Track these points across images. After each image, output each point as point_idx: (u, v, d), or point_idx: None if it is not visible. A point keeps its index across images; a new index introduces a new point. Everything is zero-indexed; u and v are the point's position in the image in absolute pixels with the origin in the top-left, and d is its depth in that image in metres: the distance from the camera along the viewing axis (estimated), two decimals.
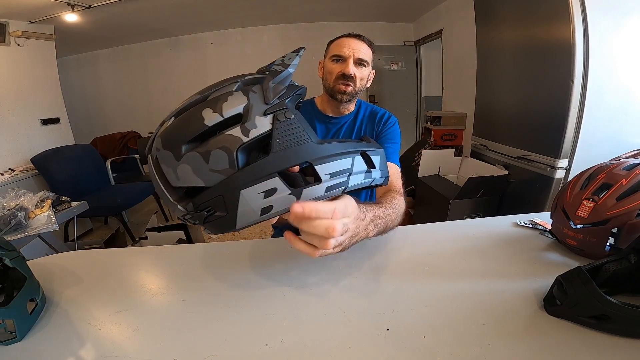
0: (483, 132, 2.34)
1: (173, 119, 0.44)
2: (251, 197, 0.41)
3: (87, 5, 2.60)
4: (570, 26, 1.49)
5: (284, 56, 0.48)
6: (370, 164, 0.48)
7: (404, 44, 4.14)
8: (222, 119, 0.41)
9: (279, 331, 0.46)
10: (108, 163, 2.92)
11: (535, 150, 1.81)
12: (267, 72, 0.46)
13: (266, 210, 0.42)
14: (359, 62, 0.88)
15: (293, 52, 0.48)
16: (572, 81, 1.53)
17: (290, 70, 0.46)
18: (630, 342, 0.41)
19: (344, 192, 0.46)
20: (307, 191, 0.42)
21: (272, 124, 0.42)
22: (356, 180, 0.46)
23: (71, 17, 2.71)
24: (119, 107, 4.61)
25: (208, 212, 0.43)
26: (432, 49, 3.90)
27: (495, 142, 2.16)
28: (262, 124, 0.42)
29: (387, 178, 0.51)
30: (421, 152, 2.55)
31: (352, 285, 0.57)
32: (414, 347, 0.42)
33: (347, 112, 0.97)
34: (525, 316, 0.47)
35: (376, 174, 0.49)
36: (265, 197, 0.41)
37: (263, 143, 0.43)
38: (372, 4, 3.38)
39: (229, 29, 4.01)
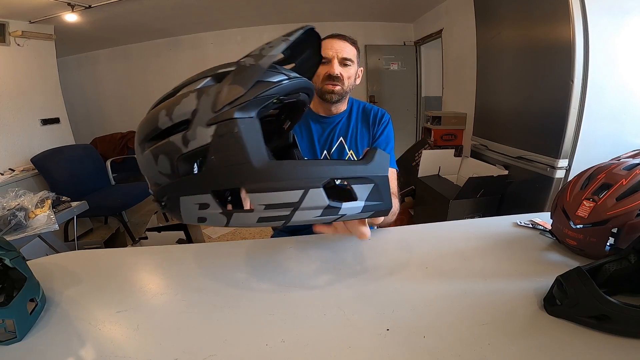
0: (483, 132, 2.34)
1: (150, 110, 0.45)
2: (188, 205, 0.41)
3: (87, 5, 2.60)
4: (570, 26, 1.49)
5: (270, 41, 0.40)
6: (343, 197, 0.39)
7: (404, 44, 4.14)
8: (171, 123, 0.40)
9: (279, 331, 0.46)
10: (108, 163, 2.92)
11: (535, 150, 1.81)
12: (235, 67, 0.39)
13: (202, 220, 0.41)
14: (344, 62, 0.89)
15: (286, 34, 0.39)
16: (572, 81, 1.53)
17: (263, 64, 0.37)
18: (630, 342, 0.41)
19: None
20: (237, 216, 0.39)
21: (212, 137, 0.37)
22: (310, 216, 0.38)
23: (71, 17, 2.71)
24: (119, 107, 4.61)
25: (162, 205, 0.45)
26: (432, 49, 3.90)
27: (495, 142, 2.16)
28: (201, 136, 0.37)
29: (386, 209, 0.42)
30: (421, 152, 2.55)
31: (352, 285, 0.57)
32: (414, 347, 0.42)
33: (339, 112, 0.98)
34: (525, 316, 0.47)
35: (351, 209, 0.40)
36: (199, 209, 0.41)
37: (207, 154, 0.38)
38: (372, 4, 3.38)
39: (229, 29, 4.01)
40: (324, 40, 0.89)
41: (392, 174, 0.86)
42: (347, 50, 0.89)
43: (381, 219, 0.62)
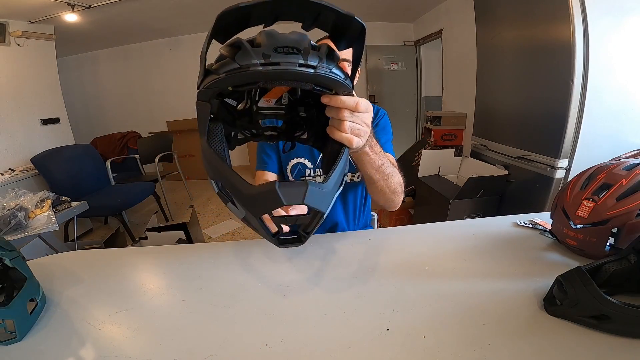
0: (483, 132, 2.34)
1: None
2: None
3: (87, 5, 2.60)
4: (570, 26, 1.49)
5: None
6: None
7: (404, 44, 4.14)
8: None
9: (279, 331, 0.46)
10: (108, 163, 2.92)
11: (535, 150, 1.81)
12: None
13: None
14: (342, 62, 0.89)
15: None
16: (572, 81, 1.53)
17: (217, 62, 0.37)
18: (630, 342, 0.41)
19: None
20: (230, 206, 0.42)
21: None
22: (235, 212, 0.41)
23: (71, 17, 2.72)
24: (119, 107, 4.61)
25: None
26: (432, 49, 3.91)
27: (495, 142, 2.16)
28: None
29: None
30: (421, 152, 2.54)
31: (352, 285, 0.57)
32: (414, 347, 0.42)
33: None
34: (525, 316, 0.47)
35: (236, 211, 0.40)
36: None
37: None
38: (372, 4, 3.38)
39: None
40: (322, 40, 0.90)
41: (392, 160, 0.87)
42: (346, 50, 0.89)
43: (394, 182, 0.70)
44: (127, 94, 4.54)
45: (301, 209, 0.49)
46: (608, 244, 0.58)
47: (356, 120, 0.45)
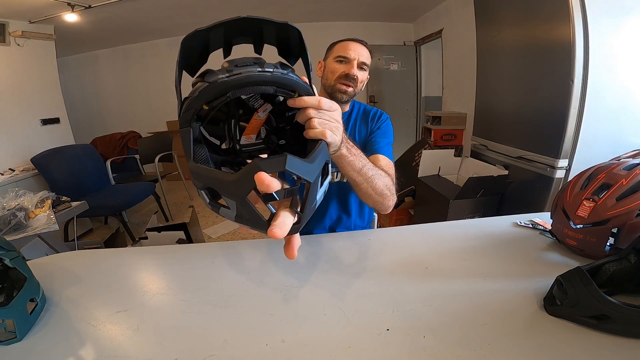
0: (483, 132, 2.34)
1: None
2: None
3: (87, 5, 2.60)
4: (570, 26, 1.49)
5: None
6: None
7: (404, 44, 4.14)
8: None
9: (279, 331, 0.46)
10: (108, 163, 2.92)
11: (535, 150, 1.81)
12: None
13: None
14: (361, 66, 0.92)
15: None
16: (572, 81, 1.53)
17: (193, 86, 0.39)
18: (630, 342, 0.41)
19: None
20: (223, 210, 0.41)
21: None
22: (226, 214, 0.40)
23: (71, 17, 2.72)
24: (119, 107, 4.61)
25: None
26: (432, 49, 3.90)
27: (495, 142, 2.16)
28: None
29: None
30: (421, 152, 2.54)
31: (352, 285, 0.57)
32: (414, 347, 0.42)
33: (342, 112, 0.98)
34: (525, 316, 0.47)
35: (226, 213, 0.40)
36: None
37: None
38: (372, 4, 3.38)
39: None
40: (345, 41, 0.94)
41: (389, 164, 0.88)
42: (366, 55, 0.93)
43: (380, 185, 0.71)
44: (127, 94, 4.54)
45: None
46: (608, 244, 0.58)
47: (323, 117, 0.48)
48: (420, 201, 2.44)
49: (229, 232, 2.74)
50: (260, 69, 0.39)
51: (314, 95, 0.46)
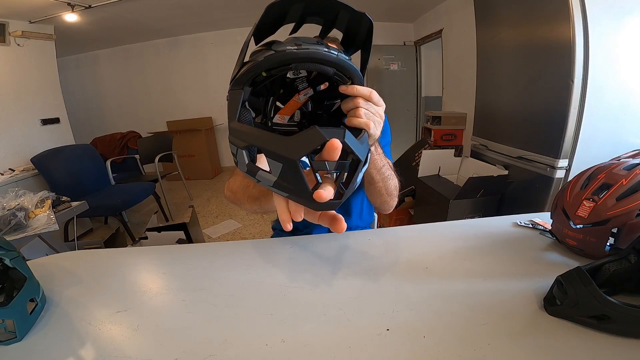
0: (483, 132, 2.34)
1: None
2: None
3: (87, 5, 2.61)
4: (570, 26, 1.49)
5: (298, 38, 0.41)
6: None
7: (404, 44, 4.15)
8: None
9: (279, 331, 0.46)
10: (108, 163, 2.92)
11: (535, 150, 1.81)
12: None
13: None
14: None
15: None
16: (572, 81, 1.53)
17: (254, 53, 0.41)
18: (630, 342, 0.41)
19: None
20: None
21: None
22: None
23: (71, 17, 2.72)
24: (119, 107, 4.62)
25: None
26: (432, 49, 3.91)
27: (495, 142, 2.16)
28: None
29: (297, 198, 0.39)
30: (421, 152, 2.54)
31: (352, 285, 0.57)
32: (414, 347, 0.42)
33: None
34: (525, 316, 0.47)
35: (265, 180, 0.39)
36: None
37: None
38: (372, 4, 3.38)
39: (229, 28, 4.01)
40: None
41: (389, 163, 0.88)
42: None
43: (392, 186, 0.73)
44: (127, 94, 4.54)
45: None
46: (608, 244, 0.58)
47: (370, 109, 0.48)
48: (420, 201, 2.44)
49: (229, 232, 2.74)
50: (326, 49, 0.40)
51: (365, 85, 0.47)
